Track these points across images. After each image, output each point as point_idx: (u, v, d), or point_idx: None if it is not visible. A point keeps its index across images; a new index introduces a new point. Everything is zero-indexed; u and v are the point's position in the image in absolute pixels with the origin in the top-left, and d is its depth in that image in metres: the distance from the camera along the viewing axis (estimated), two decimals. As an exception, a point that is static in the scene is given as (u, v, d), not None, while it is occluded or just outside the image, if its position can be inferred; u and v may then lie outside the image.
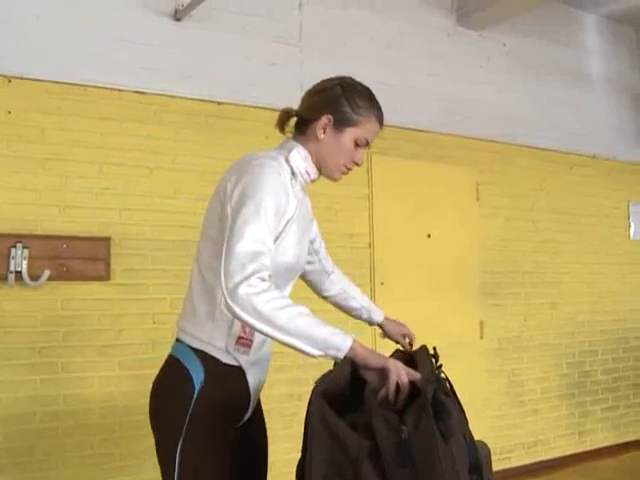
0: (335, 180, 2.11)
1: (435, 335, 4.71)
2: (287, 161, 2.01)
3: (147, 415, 2.01)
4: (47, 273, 3.68)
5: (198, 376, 1.91)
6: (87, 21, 3.93)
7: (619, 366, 6.34)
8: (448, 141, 5.36)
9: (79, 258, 3.80)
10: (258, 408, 2.16)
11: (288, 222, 1.94)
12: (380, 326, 2.65)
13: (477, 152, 5.53)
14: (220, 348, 1.93)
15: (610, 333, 6.27)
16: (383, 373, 1.71)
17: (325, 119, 2.01)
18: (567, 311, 5.98)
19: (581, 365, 6.06)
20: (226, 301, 1.70)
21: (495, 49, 5.73)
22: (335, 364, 1.92)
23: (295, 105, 2.11)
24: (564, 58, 6.17)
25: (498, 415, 5.47)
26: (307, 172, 2.05)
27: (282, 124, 2.10)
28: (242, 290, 1.68)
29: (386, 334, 2.65)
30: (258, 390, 2.07)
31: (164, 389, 1.99)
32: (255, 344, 1.98)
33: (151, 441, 2.00)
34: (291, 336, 1.69)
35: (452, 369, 1.91)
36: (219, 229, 1.89)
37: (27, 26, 3.77)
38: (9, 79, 3.72)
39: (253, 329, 1.75)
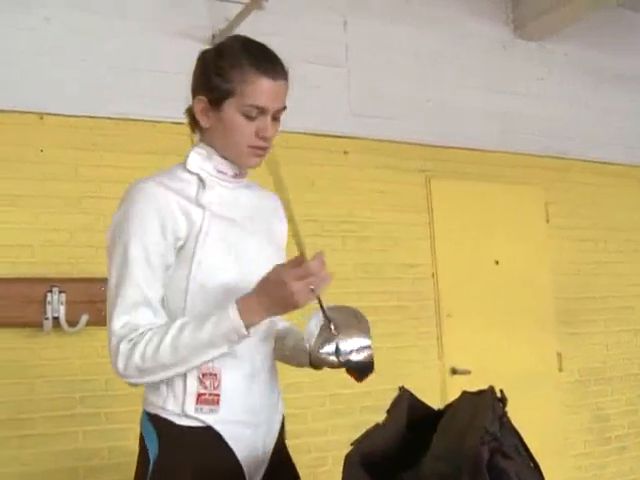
0: (252, 165, 1.75)
1: (508, 369, 4.47)
2: (188, 171, 1.73)
3: None
4: (85, 318, 3.52)
5: (152, 445, 1.64)
6: (118, 53, 3.82)
7: None
8: (511, 160, 5.03)
9: (118, 301, 3.60)
10: (282, 467, 1.79)
11: (198, 237, 1.64)
12: None
13: (543, 170, 5.18)
14: (174, 412, 1.64)
15: None
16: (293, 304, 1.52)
17: (199, 103, 1.69)
18: (653, 337, 5.53)
19: (674, 396, 5.58)
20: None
21: (555, 59, 5.41)
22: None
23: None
24: (631, 65, 5.77)
25: (582, 453, 5.05)
26: (219, 171, 1.73)
27: (192, 127, 1.80)
28: (120, 365, 1.59)
29: None
30: (261, 453, 1.72)
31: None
32: (227, 397, 1.65)
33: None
34: (189, 360, 1.57)
35: (528, 405, 1.65)
36: None
37: (58, 62, 3.68)
38: (41, 116, 3.61)
39: (158, 381, 1.64)
